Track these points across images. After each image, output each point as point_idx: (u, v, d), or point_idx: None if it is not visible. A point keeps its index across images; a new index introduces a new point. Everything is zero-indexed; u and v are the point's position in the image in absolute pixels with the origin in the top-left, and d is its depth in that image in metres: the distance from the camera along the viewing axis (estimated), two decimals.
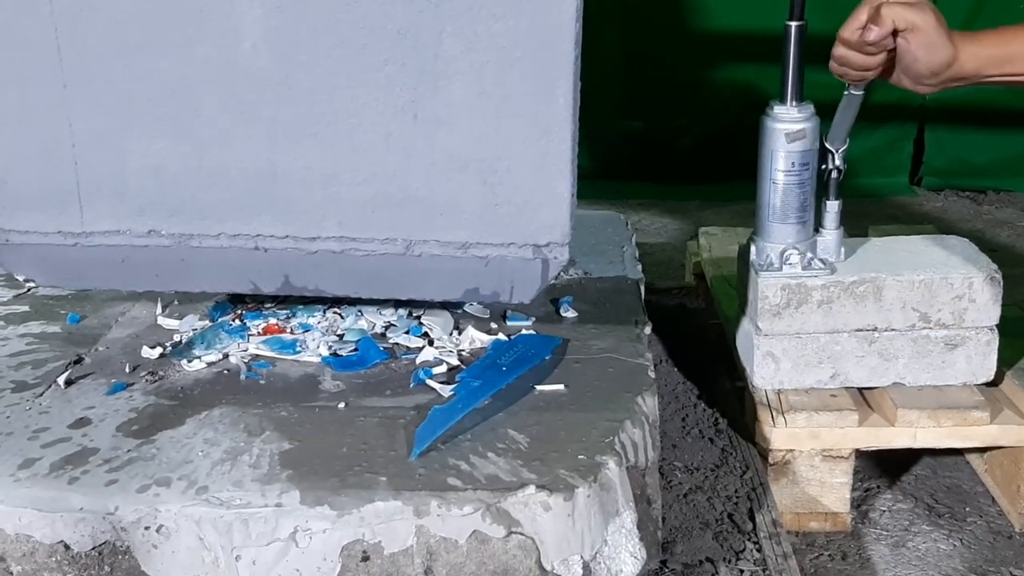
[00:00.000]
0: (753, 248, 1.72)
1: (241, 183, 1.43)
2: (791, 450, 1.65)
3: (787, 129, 1.63)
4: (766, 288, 1.66)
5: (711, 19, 3.35)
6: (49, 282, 1.59)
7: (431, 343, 1.54)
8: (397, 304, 1.62)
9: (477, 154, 1.38)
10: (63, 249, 1.49)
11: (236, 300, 1.69)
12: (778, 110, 1.64)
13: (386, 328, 1.59)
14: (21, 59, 1.40)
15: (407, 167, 1.39)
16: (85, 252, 1.49)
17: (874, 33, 1.37)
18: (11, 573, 1.20)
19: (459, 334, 1.57)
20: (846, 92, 1.58)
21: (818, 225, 1.71)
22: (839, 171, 1.67)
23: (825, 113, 1.65)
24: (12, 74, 1.41)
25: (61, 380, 1.44)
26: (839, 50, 1.44)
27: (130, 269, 1.50)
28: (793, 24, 1.63)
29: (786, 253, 1.67)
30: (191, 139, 1.42)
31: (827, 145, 1.66)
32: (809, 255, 1.68)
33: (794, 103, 1.63)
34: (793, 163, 1.64)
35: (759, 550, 1.48)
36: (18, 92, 1.42)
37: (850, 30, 1.40)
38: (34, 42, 1.39)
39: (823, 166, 1.67)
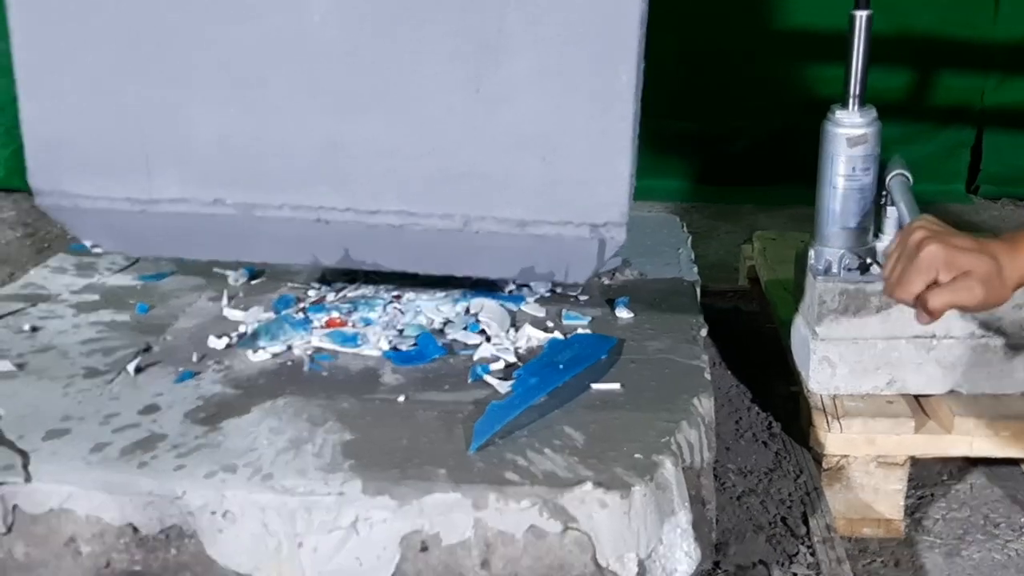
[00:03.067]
0: (811, 252, 1.71)
1: (305, 154, 1.43)
2: (846, 455, 1.64)
3: (848, 134, 1.62)
4: (824, 293, 1.66)
5: (769, 19, 3.32)
6: (115, 248, 1.59)
7: (488, 340, 1.56)
8: (456, 287, 1.61)
9: (537, 130, 1.36)
10: (130, 215, 1.49)
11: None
12: (840, 114, 1.63)
13: (444, 324, 1.61)
14: (94, 25, 1.42)
15: (468, 142, 1.39)
16: (151, 219, 1.50)
17: (926, 321, 1.17)
18: (81, 553, 1.23)
19: (516, 332, 1.59)
20: (888, 180, 1.55)
21: (877, 230, 1.70)
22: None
23: (887, 115, 1.64)
24: (85, 40, 1.43)
25: (131, 367, 1.47)
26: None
27: (194, 237, 1.50)
28: (859, 14, 1.56)
29: (845, 258, 1.67)
30: (257, 109, 1.42)
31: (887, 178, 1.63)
32: (868, 260, 1.68)
33: (856, 107, 1.62)
34: (854, 168, 1.63)
35: (812, 554, 1.48)
36: (91, 58, 1.43)
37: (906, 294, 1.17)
38: (106, 9, 1.41)
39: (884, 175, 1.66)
